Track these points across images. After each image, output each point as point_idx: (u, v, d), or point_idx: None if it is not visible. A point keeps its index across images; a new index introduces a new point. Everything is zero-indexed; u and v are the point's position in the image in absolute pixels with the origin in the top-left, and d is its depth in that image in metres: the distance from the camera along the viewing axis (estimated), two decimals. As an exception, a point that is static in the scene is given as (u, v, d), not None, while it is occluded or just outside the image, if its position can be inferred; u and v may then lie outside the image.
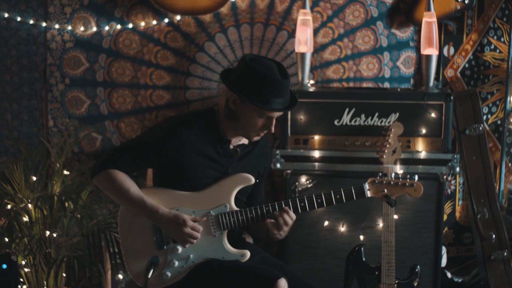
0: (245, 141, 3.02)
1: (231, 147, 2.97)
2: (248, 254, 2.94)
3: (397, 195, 2.98)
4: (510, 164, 4.64)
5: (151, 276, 2.80)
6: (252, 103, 2.79)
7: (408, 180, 2.97)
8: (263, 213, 2.88)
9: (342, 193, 2.91)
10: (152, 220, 2.86)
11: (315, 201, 2.91)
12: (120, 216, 2.96)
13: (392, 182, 2.95)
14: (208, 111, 2.99)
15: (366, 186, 2.94)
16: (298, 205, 2.90)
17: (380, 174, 2.99)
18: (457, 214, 4.72)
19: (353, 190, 2.92)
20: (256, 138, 2.95)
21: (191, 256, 2.89)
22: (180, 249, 2.88)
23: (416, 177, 3.00)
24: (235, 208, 2.90)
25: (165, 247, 2.89)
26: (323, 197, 2.90)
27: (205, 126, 2.92)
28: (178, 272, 2.89)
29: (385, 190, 2.95)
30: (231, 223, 2.87)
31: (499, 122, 4.64)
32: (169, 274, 2.89)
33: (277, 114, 2.87)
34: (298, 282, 2.92)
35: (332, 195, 2.91)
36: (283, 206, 2.90)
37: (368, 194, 2.94)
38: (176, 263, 2.88)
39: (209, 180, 2.92)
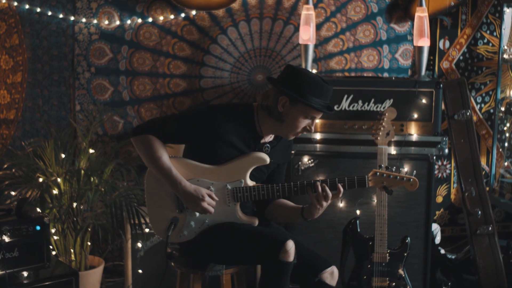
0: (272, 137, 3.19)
1: (262, 142, 3.13)
2: (256, 221, 3.15)
3: (394, 187, 3.07)
4: (501, 150, 4.72)
5: (171, 233, 3.08)
6: (307, 104, 2.94)
7: (406, 175, 3.06)
8: (273, 191, 3.07)
9: (346, 182, 3.02)
10: (173, 190, 3.04)
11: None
12: (147, 180, 3.13)
13: (391, 176, 3.05)
14: (248, 107, 3.12)
15: (368, 177, 3.05)
16: (305, 188, 3.05)
17: (382, 166, 3.13)
18: (452, 196, 4.86)
19: (355, 180, 3.03)
20: (292, 138, 3.12)
21: (207, 220, 3.12)
22: (197, 213, 3.10)
23: (414, 172, 3.10)
24: (249, 184, 3.09)
25: (185, 211, 3.11)
26: (328, 183, 3.02)
27: (243, 121, 3.07)
28: (194, 232, 3.12)
29: (384, 182, 3.06)
30: (244, 196, 3.08)
31: (491, 111, 4.76)
32: (186, 232, 3.12)
33: (319, 115, 3.04)
34: (302, 250, 3.06)
35: (337, 181, 3.02)
36: (292, 187, 3.05)
37: (369, 184, 3.04)
38: (193, 224, 3.11)
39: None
